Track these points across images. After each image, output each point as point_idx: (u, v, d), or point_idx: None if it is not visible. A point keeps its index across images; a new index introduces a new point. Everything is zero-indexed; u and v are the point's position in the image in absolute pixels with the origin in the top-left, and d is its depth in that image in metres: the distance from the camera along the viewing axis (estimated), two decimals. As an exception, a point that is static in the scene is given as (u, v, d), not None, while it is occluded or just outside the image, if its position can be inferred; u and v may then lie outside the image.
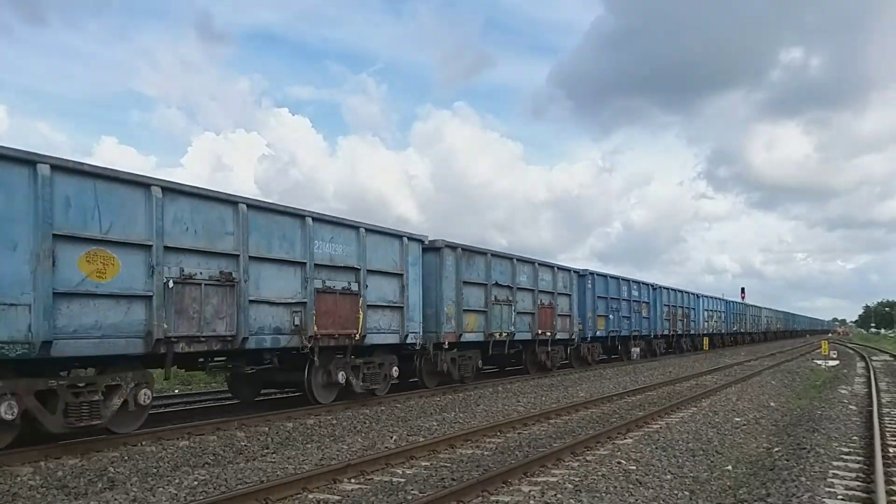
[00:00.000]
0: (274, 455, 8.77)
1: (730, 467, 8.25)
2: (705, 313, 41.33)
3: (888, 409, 13.50)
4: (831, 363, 27.86)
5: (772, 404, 14.34)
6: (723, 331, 46.52)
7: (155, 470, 7.80)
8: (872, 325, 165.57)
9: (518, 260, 19.05)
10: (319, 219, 12.03)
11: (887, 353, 41.83)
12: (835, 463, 8.36)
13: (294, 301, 11.36)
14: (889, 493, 6.78)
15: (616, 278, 26.78)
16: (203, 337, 9.70)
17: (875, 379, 19.74)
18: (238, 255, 10.29)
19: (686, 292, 37.44)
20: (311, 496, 6.77)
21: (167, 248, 9.22)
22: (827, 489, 7.07)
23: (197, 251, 9.69)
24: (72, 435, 8.54)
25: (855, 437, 10.16)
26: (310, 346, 11.62)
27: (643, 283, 30.21)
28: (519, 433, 10.56)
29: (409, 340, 14.26)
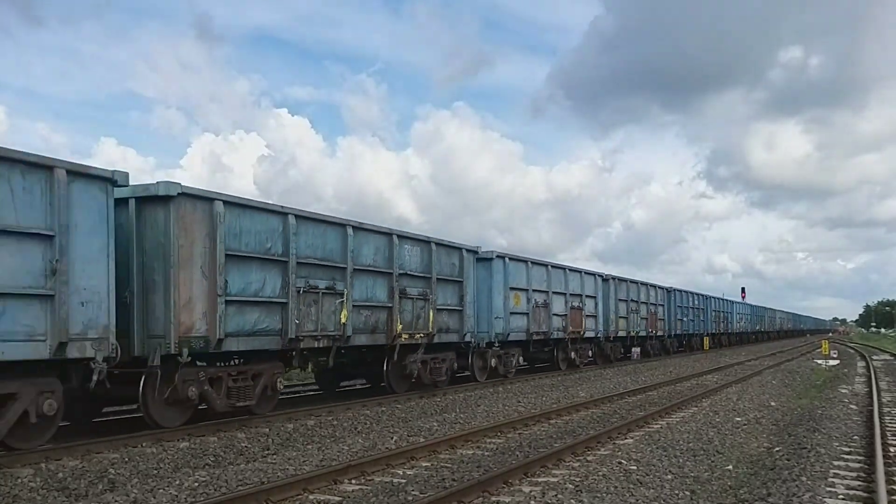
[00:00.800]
0: (274, 456, 8.80)
1: (730, 467, 8.22)
2: (737, 316, 51.51)
3: (889, 409, 13.57)
4: (832, 363, 28.23)
5: (772, 404, 14.39)
6: (748, 329, 56.88)
7: (155, 471, 7.82)
8: (873, 324, 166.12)
9: (640, 283, 29.07)
10: (570, 269, 22.14)
11: (888, 352, 42.44)
12: (836, 462, 8.30)
13: (562, 314, 21.37)
14: (890, 492, 6.75)
15: (688, 292, 36.89)
16: (539, 331, 19.73)
17: (875, 378, 19.88)
18: (548, 291, 20.29)
19: (725, 300, 47.58)
20: (311, 497, 6.76)
21: (532, 290, 19.24)
22: (828, 489, 7.03)
23: (538, 290, 19.72)
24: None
25: (856, 437, 10.13)
26: (568, 337, 21.62)
27: (700, 294, 40.33)
28: (519, 433, 10.53)
29: (598, 335, 24.32)
